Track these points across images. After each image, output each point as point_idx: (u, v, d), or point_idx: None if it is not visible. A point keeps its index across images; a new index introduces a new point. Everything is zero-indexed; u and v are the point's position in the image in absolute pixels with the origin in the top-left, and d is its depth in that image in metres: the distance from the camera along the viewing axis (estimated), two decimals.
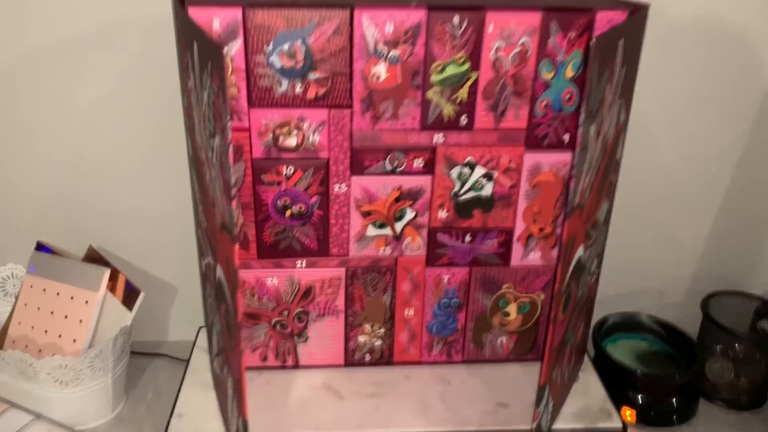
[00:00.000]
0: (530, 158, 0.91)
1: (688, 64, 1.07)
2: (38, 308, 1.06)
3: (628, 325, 1.16)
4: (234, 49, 0.82)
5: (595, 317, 1.09)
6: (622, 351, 1.12)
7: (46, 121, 1.05)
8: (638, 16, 0.81)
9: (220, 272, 0.75)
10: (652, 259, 1.22)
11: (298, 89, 0.84)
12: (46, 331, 1.04)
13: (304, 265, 0.95)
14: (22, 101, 1.03)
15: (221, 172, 0.65)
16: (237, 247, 0.72)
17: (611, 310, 1.17)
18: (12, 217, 1.12)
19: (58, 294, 1.05)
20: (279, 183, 0.89)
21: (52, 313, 1.04)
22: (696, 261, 1.23)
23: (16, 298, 1.09)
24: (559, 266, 0.75)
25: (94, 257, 1.09)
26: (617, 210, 0.99)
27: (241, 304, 0.96)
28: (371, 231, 0.94)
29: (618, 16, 0.84)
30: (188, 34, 0.72)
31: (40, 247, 1.10)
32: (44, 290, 1.06)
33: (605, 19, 0.84)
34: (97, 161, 1.08)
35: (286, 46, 0.82)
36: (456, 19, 0.82)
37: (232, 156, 0.63)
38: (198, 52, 0.67)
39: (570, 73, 0.87)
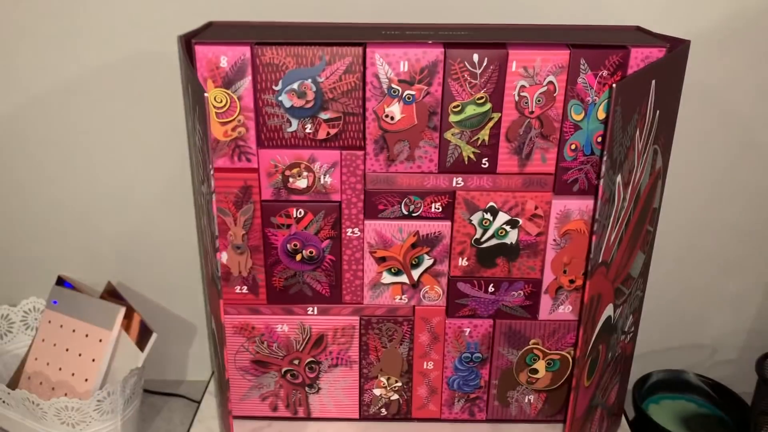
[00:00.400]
0: (559, 204, 0.84)
1: (739, 110, 0.99)
2: (54, 344, 1.04)
3: (673, 383, 1.07)
4: (242, 87, 0.78)
5: (637, 373, 1.01)
6: (666, 413, 1.03)
7: (69, 156, 1.04)
8: (676, 53, 0.74)
9: (213, 323, 0.71)
10: (702, 313, 1.12)
11: (309, 129, 0.80)
12: (60, 369, 1.03)
13: (315, 312, 0.90)
14: (43, 138, 1.03)
15: (208, 221, 0.61)
16: (222, 302, 0.68)
17: (655, 366, 1.08)
18: (35, 251, 1.12)
19: (74, 331, 1.03)
20: (289, 226, 0.85)
21: (67, 350, 1.03)
22: (751, 316, 1.13)
23: (35, 332, 1.08)
24: (581, 329, 0.68)
25: (112, 294, 1.07)
26: (660, 261, 0.91)
27: (250, 350, 0.92)
28: (386, 278, 0.88)
29: (655, 53, 0.76)
30: (185, 76, 0.69)
31: (61, 281, 1.09)
32: (61, 326, 1.04)
33: (641, 57, 0.77)
34: (121, 196, 1.06)
35: (295, 85, 0.78)
36: (475, 56, 0.77)
37: (215, 206, 0.59)
38: (191, 94, 0.64)
39: (602, 114, 0.80)
